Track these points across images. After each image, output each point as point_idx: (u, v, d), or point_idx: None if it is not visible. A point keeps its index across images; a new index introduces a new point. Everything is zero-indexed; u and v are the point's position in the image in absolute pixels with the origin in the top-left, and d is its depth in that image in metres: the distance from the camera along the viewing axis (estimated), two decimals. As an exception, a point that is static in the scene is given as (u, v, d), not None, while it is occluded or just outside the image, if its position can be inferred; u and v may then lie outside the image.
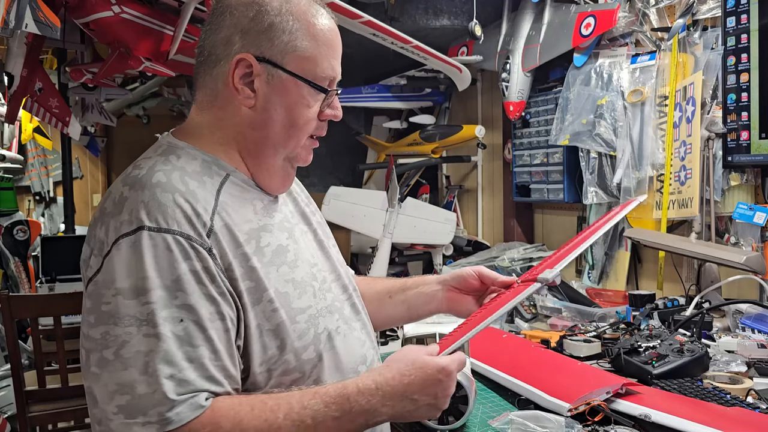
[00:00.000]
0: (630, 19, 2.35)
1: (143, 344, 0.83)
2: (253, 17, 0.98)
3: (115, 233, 0.88)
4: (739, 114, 1.99)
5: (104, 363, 0.84)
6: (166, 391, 0.82)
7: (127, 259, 0.86)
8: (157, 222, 0.88)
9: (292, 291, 0.98)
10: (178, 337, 0.85)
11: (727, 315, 1.90)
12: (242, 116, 1.00)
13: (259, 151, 1.02)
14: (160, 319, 0.84)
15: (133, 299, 0.85)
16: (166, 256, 0.87)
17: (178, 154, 0.99)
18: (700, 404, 1.33)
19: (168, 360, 0.83)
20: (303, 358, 0.97)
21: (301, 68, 0.99)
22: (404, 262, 3.21)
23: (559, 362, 1.64)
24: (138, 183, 0.92)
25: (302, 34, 0.99)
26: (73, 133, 3.35)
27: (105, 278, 0.87)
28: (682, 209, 2.15)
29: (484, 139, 3.08)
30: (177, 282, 0.87)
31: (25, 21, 1.91)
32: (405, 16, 2.87)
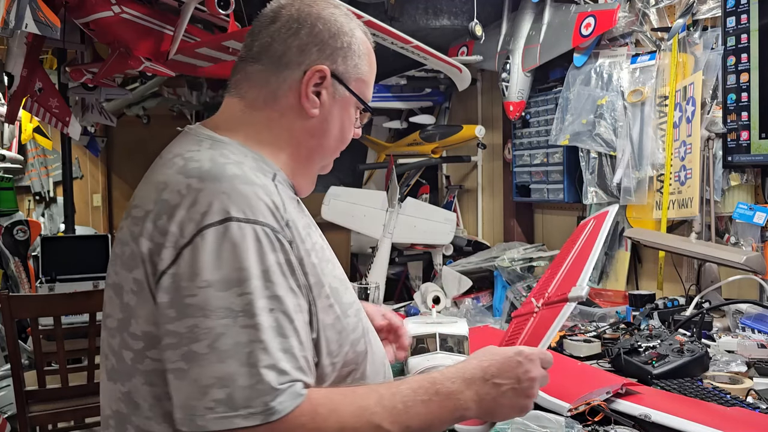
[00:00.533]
0: (630, 19, 2.35)
1: (242, 335, 0.82)
2: (334, 35, 1.03)
3: (195, 224, 0.85)
4: (739, 114, 1.99)
5: (194, 357, 0.82)
6: (270, 380, 0.81)
7: (215, 249, 0.84)
8: (244, 213, 0.87)
9: (340, 286, 1.00)
10: (273, 328, 0.84)
11: (727, 315, 1.90)
12: (303, 123, 1.04)
13: (310, 158, 1.07)
14: (258, 309, 0.83)
15: (226, 290, 0.83)
16: (256, 247, 0.86)
17: (231, 150, 0.97)
18: (700, 404, 1.33)
19: (267, 350, 0.82)
20: (358, 350, 0.99)
21: (359, 90, 1.07)
22: (404, 262, 3.21)
23: (559, 362, 1.64)
24: (209, 175, 0.90)
25: (365, 60, 1.07)
26: (73, 133, 3.35)
27: (187, 270, 0.84)
28: (682, 209, 2.15)
29: (484, 139, 3.07)
30: (267, 273, 0.86)
31: (25, 21, 1.91)
32: (405, 16, 2.87)
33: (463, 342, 1.40)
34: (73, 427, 2.83)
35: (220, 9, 2.47)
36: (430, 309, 2.44)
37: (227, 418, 0.79)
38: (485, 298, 2.70)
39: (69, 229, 4.30)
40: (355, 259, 3.62)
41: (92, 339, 2.47)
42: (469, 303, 2.63)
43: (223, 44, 2.67)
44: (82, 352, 2.85)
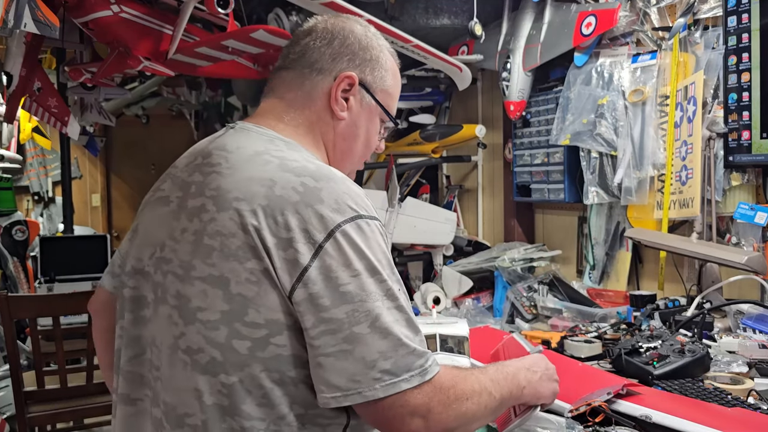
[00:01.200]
0: (631, 19, 2.34)
1: (394, 314, 0.94)
2: (364, 47, 1.14)
3: (331, 221, 0.94)
4: (740, 114, 1.98)
5: (357, 338, 0.91)
6: (419, 347, 0.94)
7: (356, 243, 0.94)
8: (366, 210, 0.98)
9: None
10: (407, 306, 0.97)
11: (728, 315, 1.89)
12: (335, 125, 1.13)
13: (344, 160, 1.16)
14: (396, 293, 0.96)
15: (372, 277, 0.94)
16: (382, 240, 0.99)
17: (299, 150, 1.07)
18: (701, 405, 1.33)
19: (410, 324, 0.95)
20: None
21: (384, 101, 1.17)
22: (404, 263, 3.20)
23: (560, 363, 1.64)
24: (322, 175, 0.99)
25: (391, 74, 1.18)
26: (72, 132, 3.35)
27: (334, 262, 0.93)
28: (683, 209, 2.14)
29: (485, 138, 3.07)
30: (390, 261, 0.99)
31: (23, 20, 1.90)
32: (405, 16, 2.87)
33: (464, 342, 1.39)
34: (72, 427, 2.83)
35: (219, 8, 2.46)
36: (430, 309, 2.44)
37: (394, 384, 0.90)
38: (486, 299, 2.70)
39: (68, 229, 4.29)
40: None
41: (91, 339, 2.46)
42: (469, 303, 2.63)
43: (223, 44, 2.66)
44: (81, 353, 2.84)
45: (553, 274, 2.48)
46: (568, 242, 2.82)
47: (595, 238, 2.57)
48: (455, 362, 1.25)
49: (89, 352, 2.49)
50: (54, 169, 5.97)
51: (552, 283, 2.42)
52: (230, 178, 0.99)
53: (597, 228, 2.57)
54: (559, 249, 2.81)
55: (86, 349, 2.49)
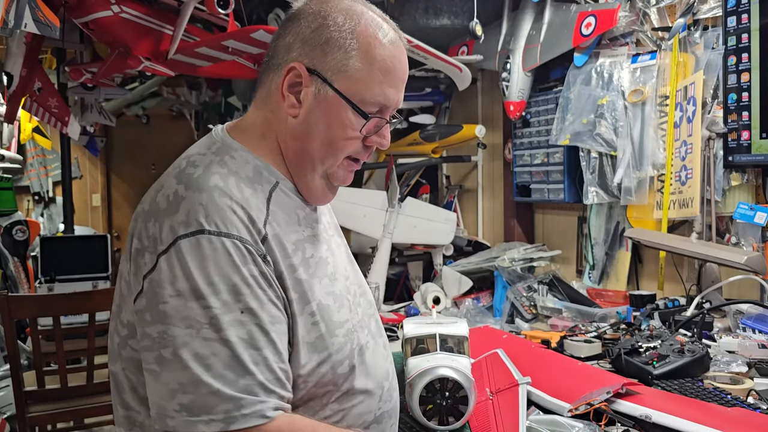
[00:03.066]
0: (630, 19, 2.35)
1: (206, 347, 0.84)
2: (315, 29, 0.98)
3: (173, 233, 0.88)
4: (739, 114, 1.98)
5: (163, 361, 0.85)
6: (230, 391, 0.83)
7: (187, 260, 0.87)
8: (216, 225, 0.88)
9: (333, 304, 0.99)
10: (243, 341, 0.86)
11: (728, 315, 1.89)
12: (287, 124, 1.00)
13: (299, 163, 1.02)
14: (224, 324, 0.85)
15: (194, 301, 0.85)
16: (227, 260, 0.87)
17: (232, 155, 0.98)
18: (700, 405, 1.33)
19: (232, 363, 0.84)
20: (338, 372, 0.97)
21: (348, 89, 0.98)
22: (404, 263, 3.21)
23: (560, 362, 1.64)
24: (194, 183, 0.92)
25: (358, 55, 0.97)
26: (72, 132, 3.35)
27: (162, 277, 0.87)
28: (683, 209, 2.14)
29: (485, 138, 3.07)
30: (238, 286, 0.87)
31: (24, 20, 1.91)
32: (405, 16, 2.87)
33: (464, 342, 1.39)
34: (72, 427, 2.83)
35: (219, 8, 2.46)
36: (430, 309, 2.44)
37: (190, 423, 0.83)
38: (485, 299, 2.70)
39: (68, 229, 4.30)
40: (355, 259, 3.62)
41: (92, 339, 2.46)
42: (469, 303, 2.63)
43: (223, 44, 2.67)
44: (81, 353, 2.84)
45: (552, 274, 2.48)
46: (567, 242, 2.82)
47: (595, 238, 2.57)
48: (455, 362, 1.25)
49: (89, 352, 2.49)
50: (54, 169, 5.98)
51: (552, 283, 2.42)
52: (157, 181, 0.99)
53: (597, 228, 2.57)
54: (559, 249, 2.81)
55: (86, 349, 2.49)
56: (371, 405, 1.03)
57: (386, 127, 1.04)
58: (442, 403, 1.21)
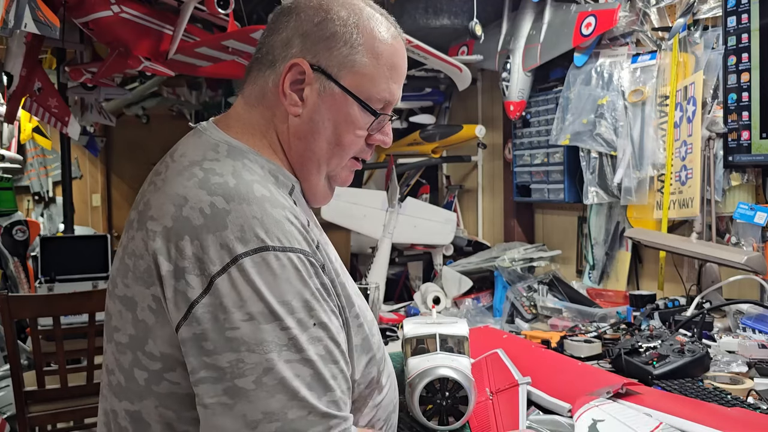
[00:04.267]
0: (630, 19, 2.35)
1: (294, 369, 0.80)
2: (318, 23, 0.94)
3: (229, 252, 0.81)
4: (739, 114, 1.98)
5: (239, 393, 0.78)
6: (322, 409, 0.80)
7: (254, 281, 0.80)
8: (279, 241, 0.83)
9: (362, 303, 0.97)
10: (322, 357, 0.83)
11: (728, 315, 1.89)
12: (289, 124, 0.96)
13: (304, 164, 0.98)
14: (303, 343, 0.81)
15: (270, 323, 0.80)
16: (296, 277, 0.83)
17: (247, 158, 0.92)
18: (700, 405, 1.33)
19: (314, 382, 0.81)
20: (380, 369, 0.97)
21: (356, 85, 0.94)
22: (404, 263, 3.21)
23: (560, 363, 1.64)
24: (237, 195, 0.84)
25: (364, 50, 0.94)
26: (72, 132, 3.35)
27: (225, 302, 0.80)
28: (683, 209, 2.14)
29: (485, 138, 3.07)
30: (309, 302, 0.83)
31: (24, 21, 1.91)
32: (405, 16, 2.87)
33: (464, 342, 1.39)
34: (72, 427, 2.83)
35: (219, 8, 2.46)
36: (430, 309, 2.44)
37: None
38: (485, 299, 2.70)
39: (68, 229, 4.30)
40: (355, 259, 3.62)
41: (92, 339, 2.46)
42: (469, 303, 2.63)
43: (223, 44, 2.67)
44: (81, 353, 2.85)
45: (552, 274, 2.48)
46: (567, 242, 2.82)
47: (595, 238, 2.57)
48: (455, 362, 1.25)
49: (90, 352, 2.49)
50: (54, 169, 5.98)
51: (552, 283, 2.42)
52: (157, 193, 0.89)
53: (597, 228, 2.57)
54: (559, 249, 2.81)
55: (86, 349, 2.49)
56: (392, 395, 1.05)
57: (388, 125, 1.01)
58: (442, 403, 1.21)
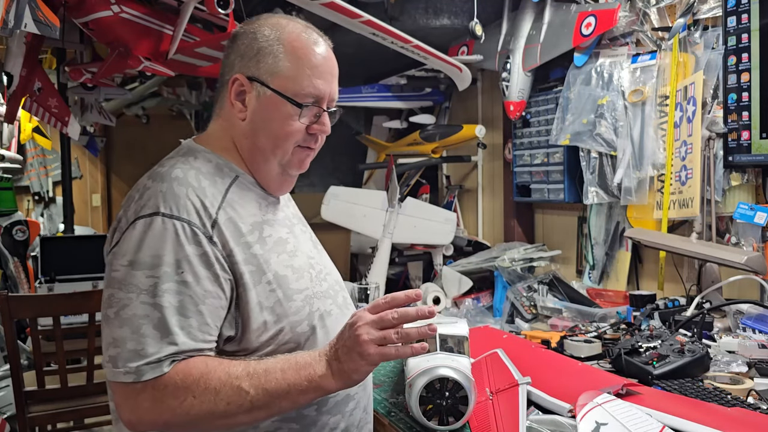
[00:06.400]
0: (630, 19, 2.34)
1: (140, 309, 1.00)
2: (248, 44, 1.17)
3: (135, 214, 1.06)
4: (739, 114, 1.98)
5: (106, 319, 1.02)
6: (151, 349, 0.99)
7: (140, 236, 1.04)
8: (170, 209, 1.06)
9: (291, 275, 1.15)
10: (174, 307, 1.01)
11: (728, 315, 1.89)
12: (238, 127, 1.18)
13: (253, 158, 1.19)
14: (161, 291, 1.01)
15: (140, 270, 1.02)
16: (173, 238, 1.04)
17: (196, 156, 1.17)
18: (700, 405, 1.33)
19: (159, 325, 1.00)
20: (297, 330, 1.12)
21: (283, 86, 1.15)
22: (404, 263, 3.21)
23: (560, 363, 1.64)
24: (159, 176, 1.11)
25: (285, 57, 1.15)
26: (72, 132, 3.35)
27: (119, 250, 1.04)
28: (683, 209, 2.14)
29: (485, 138, 3.07)
30: (180, 261, 1.03)
31: (24, 20, 1.91)
32: (405, 16, 2.87)
33: (464, 342, 1.39)
34: (72, 427, 2.83)
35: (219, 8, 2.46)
36: (430, 309, 2.43)
37: (114, 373, 1.00)
38: (485, 299, 2.70)
39: (68, 229, 4.30)
40: (355, 259, 3.62)
41: (92, 339, 2.47)
42: (469, 303, 2.63)
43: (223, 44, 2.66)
44: (81, 353, 2.84)
45: (552, 274, 2.48)
46: (567, 242, 2.82)
47: (595, 238, 2.57)
48: (455, 362, 1.25)
49: (89, 352, 2.49)
50: (54, 169, 5.98)
51: (552, 283, 2.42)
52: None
53: (597, 228, 2.57)
54: (559, 249, 2.81)
55: (86, 349, 2.49)
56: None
57: (325, 116, 1.19)
58: (442, 403, 1.21)
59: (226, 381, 1.01)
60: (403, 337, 1.01)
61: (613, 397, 1.26)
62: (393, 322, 1.02)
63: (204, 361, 1.02)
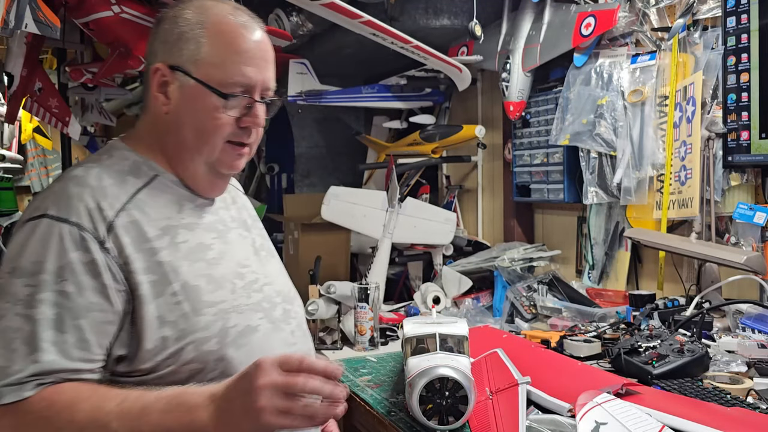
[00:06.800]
0: (630, 19, 2.35)
1: (14, 321, 0.90)
2: (168, 29, 1.06)
3: (26, 216, 0.98)
4: (739, 114, 1.99)
5: None
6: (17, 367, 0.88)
7: (23, 240, 0.95)
8: (59, 211, 0.96)
9: (205, 285, 1.03)
10: (49, 320, 0.91)
11: (728, 315, 1.89)
12: (162, 122, 1.08)
13: (178, 156, 1.09)
14: (36, 302, 0.91)
15: (19, 278, 0.93)
16: (58, 244, 0.94)
17: (111, 154, 1.09)
18: (700, 404, 1.33)
19: (29, 339, 0.90)
20: (204, 349, 1.00)
21: (206, 75, 1.03)
22: (404, 263, 3.21)
23: (560, 362, 1.64)
24: (60, 176, 1.04)
25: (209, 43, 1.04)
26: (73, 133, 3.35)
27: (6, 255, 0.97)
28: (683, 209, 2.15)
29: (484, 139, 3.07)
30: (62, 269, 0.93)
31: (24, 21, 1.91)
32: (405, 16, 2.87)
33: (464, 342, 1.40)
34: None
35: (219, 9, 2.46)
36: (430, 309, 2.44)
37: None
38: (485, 298, 2.70)
39: (69, 229, 4.29)
40: (355, 259, 3.62)
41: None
42: (469, 303, 2.63)
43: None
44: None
45: (552, 274, 2.48)
46: (567, 242, 2.82)
47: (595, 238, 2.57)
48: (455, 362, 1.25)
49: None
50: (55, 170, 5.98)
51: (551, 283, 2.43)
52: None
53: (596, 228, 2.57)
54: (559, 249, 2.82)
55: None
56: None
57: (258, 107, 1.07)
58: (442, 403, 1.21)
59: (93, 417, 0.87)
60: (308, 413, 0.86)
61: (612, 397, 1.27)
62: (302, 391, 0.85)
63: (75, 389, 0.90)
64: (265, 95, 1.09)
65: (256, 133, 1.10)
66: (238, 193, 1.30)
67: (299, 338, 1.16)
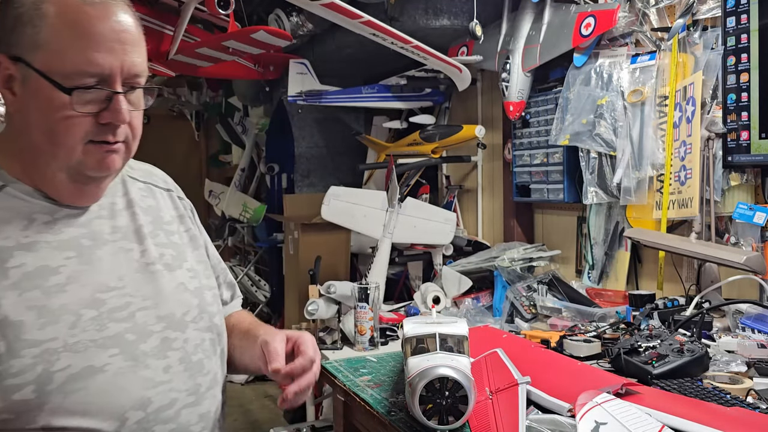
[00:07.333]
0: (630, 19, 2.35)
1: None
2: (5, 12, 0.88)
3: None
4: (739, 114, 1.99)
5: None
6: None
7: None
8: None
9: (33, 320, 0.86)
10: None
11: (727, 315, 1.90)
12: (15, 123, 0.92)
13: (33, 161, 0.91)
14: None
15: None
16: None
17: None
18: (700, 404, 1.33)
19: None
20: (15, 398, 0.83)
21: (47, 64, 0.86)
22: (404, 262, 3.21)
23: (559, 362, 1.65)
24: None
25: (49, 25, 0.86)
26: None
27: None
28: (682, 209, 2.15)
29: (484, 139, 3.07)
30: None
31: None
32: (405, 16, 2.87)
33: (463, 342, 1.40)
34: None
35: (219, 9, 2.47)
36: (430, 309, 2.45)
37: None
38: (485, 298, 2.71)
39: (69, 229, 4.29)
40: (355, 259, 3.62)
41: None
42: (469, 303, 2.63)
43: (223, 44, 2.68)
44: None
45: (552, 274, 2.48)
46: (567, 242, 2.83)
47: (594, 238, 2.57)
48: (455, 362, 1.25)
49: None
50: (54, 170, 5.97)
51: (551, 283, 2.43)
52: None
53: (596, 228, 2.57)
54: (559, 249, 2.82)
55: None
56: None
57: (119, 100, 0.89)
58: (442, 403, 1.21)
59: None
60: None
61: (612, 397, 1.27)
62: None
63: None
64: (133, 83, 0.91)
65: (126, 129, 0.92)
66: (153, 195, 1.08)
67: (177, 374, 0.96)
